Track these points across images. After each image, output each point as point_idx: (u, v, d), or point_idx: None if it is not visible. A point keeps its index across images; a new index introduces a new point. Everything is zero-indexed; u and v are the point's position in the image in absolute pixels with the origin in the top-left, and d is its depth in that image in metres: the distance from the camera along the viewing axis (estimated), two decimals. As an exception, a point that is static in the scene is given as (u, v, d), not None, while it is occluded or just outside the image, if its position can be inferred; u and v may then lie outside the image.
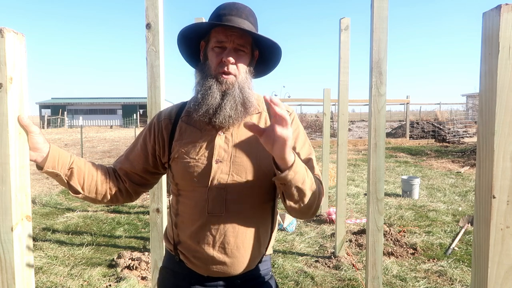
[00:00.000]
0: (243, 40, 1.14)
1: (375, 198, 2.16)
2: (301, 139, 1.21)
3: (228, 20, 1.13)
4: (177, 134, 1.20)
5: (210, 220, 1.12)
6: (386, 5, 2.08)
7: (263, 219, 1.19)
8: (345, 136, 3.91)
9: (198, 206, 1.14)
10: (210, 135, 1.16)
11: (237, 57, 1.14)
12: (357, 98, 15.81)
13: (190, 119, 1.20)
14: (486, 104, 0.73)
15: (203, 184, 1.13)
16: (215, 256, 1.13)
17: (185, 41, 1.24)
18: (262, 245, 1.19)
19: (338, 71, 3.74)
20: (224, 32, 1.13)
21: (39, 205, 6.06)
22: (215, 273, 1.15)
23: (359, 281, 3.37)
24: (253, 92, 1.19)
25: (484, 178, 0.74)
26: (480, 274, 0.76)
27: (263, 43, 1.19)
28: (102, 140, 19.46)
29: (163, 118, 1.25)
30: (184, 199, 1.18)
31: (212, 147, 1.14)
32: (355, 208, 5.87)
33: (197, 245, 1.14)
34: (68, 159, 1.12)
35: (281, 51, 1.21)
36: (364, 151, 13.16)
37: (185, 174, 1.15)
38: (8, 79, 0.82)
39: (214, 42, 1.14)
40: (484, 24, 0.74)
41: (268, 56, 1.25)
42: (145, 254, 3.80)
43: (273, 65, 1.29)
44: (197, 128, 1.18)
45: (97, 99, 47.44)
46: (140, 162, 1.24)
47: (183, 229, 1.18)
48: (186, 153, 1.16)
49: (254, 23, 1.18)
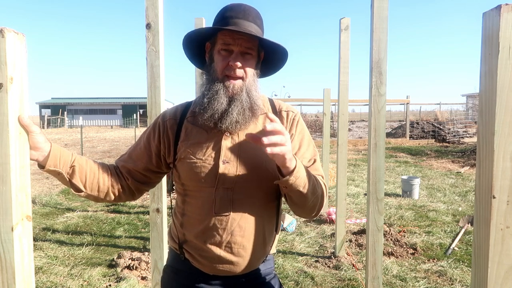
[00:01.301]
0: (250, 43, 1.13)
1: (375, 198, 2.16)
2: (305, 142, 1.21)
3: (235, 23, 1.12)
4: (183, 135, 1.20)
5: (217, 220, 1.13)
6: (386, 5, 2.08)
7: (269, 218, 1.20)
8: (345, 136, 3.91)
9: (205, 206, 1.14)
10: (216, 136, 1.16)
11: (244, 60, 1.13)
12: (357, 98, 15.82)
13: (195, 120, 1.20)
14: (486, 104, 0.73)
15: (210, 184, 1.14)
16: (221, 255, 1.14)
17: (190, 41, 1.24)
18: (267, 244, 1.21)
19: (338, 71, 3.74)
20: (231, 35, 1.12)
21: (39, 205, 6.06)
22: (220, 272, 1.16)
23: (359, 281, 3.37)
24: (259, 94, 1.19)
25: (484, 178, 0.74)
26: (480, 274, 0.76)
27: (269, 44, 1.19)
28: (102, 140, 19.45)
29: (168, 118, 1.24)
30: (191, 199, 1.19)
31: (219, 148, 1.14)
32: (355, 208, 5.87)
33: (204, 244, 1.15)
34: (69, 157, 1.12)
35: (288, 54, 1.22)
36: (364, 151, 13.16)
37: (192, 174, 1.15)
38: (8, 79, 0.82)
39: (220, 45, 1.14)
40: (484, 24, 0.74)
41: (274, 58, 1.25)
42: (145, 254, 3.80)
43: (278, 67, 1.29)
44: (203, 129, 1.18)
45: (97, 99, 47.45)
46: (143, 161, 1.24)
47: (190, 229, 1.19)
48: (193, 154, 1.16)
49: (260, 25, 1.18)
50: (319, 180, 1.13)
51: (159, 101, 2.05)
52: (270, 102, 1.27)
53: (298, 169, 0.98)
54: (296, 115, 1.25)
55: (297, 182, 0.99)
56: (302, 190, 1.02)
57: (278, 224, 1.25)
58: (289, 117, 1.23)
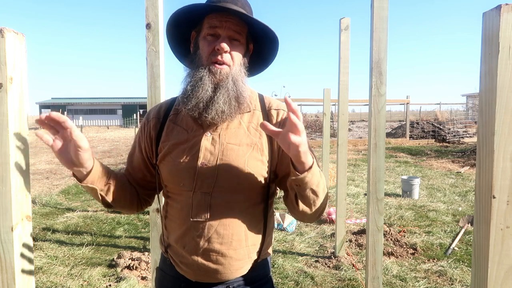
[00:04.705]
0: (239, 27, 1.06)
1: (375, 198, 2.16)
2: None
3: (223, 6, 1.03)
4: (164, 135, 1.14)
5: (193, 226, 1.07)
6: (386, 5, 2.08)
7: (254, 223, 1.11)
8: (345, 136, 3.91)
9: (184, 211, 1.08)
10: (196, 136, 1.09)
11: (232, 46, 1.06)
12: (357, 98, 15.83)
13: (177, 118, 1.15)
14: (486, 104, 0.73)
15: (188, 188, 1.07)
16: (200, 263, 1.07)
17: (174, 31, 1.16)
18: (252, 250, 1.13)
19: (338, 71, 3.74)
20: (219, 17, 1.05)
21: (39, 205, 6.05)
22: (202, 279, 1.11)
23: (359, 281, 3.37)
24: (246, 87, 1.11)
25: (484, 178, 0.74)
26: (480, 274, 0.76)
27: (258, 36, 1.12)
28: (102, 140, 19.45)
29: (152, 117, 1.19)
30: (172, 202, 1.14)
31: (198, 149, 1.07)
32: (355, 208, 5.87)
33: (183, 250, 1.10)
34: (106, 175, 1.10)
35: (278, 43, 1.13)
36: (364, 151, 13.15)
37: (171, 177, 1.10)
38: (8, 79, 0.82)
39: (206, 29, 1.06)
40: (484, 24, 0.74)
41: (264, 51, 1.18)
42: (145, 254, 3.79)
43: (269, 59, 1.21)
44: (183, 128, 1.12)
45: (97, 99, 47.47)
46: (142, 167, 1.21)
47: (171, 232, 1.14)
48: (172, 155, 1.10)
49: (249, 13, 1.10)
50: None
51: (159, 101, 2.05)
52: (260, 99, 1.18)
53: (315, 166, 0.92)
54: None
55: (312, 180, 0.93)
56: (315, 188, 0.95)
57: (267, 228, 1.16)
58: (280, 116, 1.13)
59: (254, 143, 1.08)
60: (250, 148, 1.07)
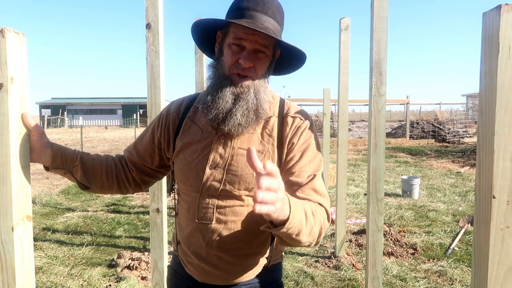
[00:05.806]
0: (266, 41, 1.02)
1: (375, 198, 2.16)
2: (309, 154, 1.06)
3: (251, 16, 1.00)
4: (181, 131, 1.14)
5: (199, 227, 1.06)
6: (386, 5, 2.08)
7: (258, 232, 1.03)
8: (345, 136, 3.91)
9: (191, 210, 1.09)
10: (209, 137, 1.08)
11: (256, 59, 1.03)
12: (357, 98, 15.83)
13: (195, 116, 1.14)
14: (486, 104, 0.73)
15: (196, 189, 1.07)
16: (202, 266, 1.08)
17: (199, 28, 1.13)
18: (258, 256, 1.11)
19: (338, 71, 3.74)
20: (245, 30, 1.00)
21: (39, 205, 6.05)
22: (208, 281, 1.10)
23: (359, 281, 3.37)
24: (268, 94, 1.09)
25: (484, 178, 0.74)
26: (480, 274, 0.76)
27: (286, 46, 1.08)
28: (102, 140, 19.45)
29: (172, 111, 1.18)
30: (182, 200, 1.15)
31: (208, 151, 1.06)
32: (355, 208, 5.87)
33: (189, 250, 1.10)
34: (72, 156, 1.11)
35: (306, 58, 1.11)
36: (364, 151, 13.15)
37: (181, 175, 1.11)
38: (9, 79, 0.82)
39: (232, 39, 1.02)
40: (484, 24, 0.74)
41: (290, 58, 1.15)
42: (145, 254, 3.80)
43: (293, 68, 1.19)
44: (199, 127, 1.12)
45: (97, 99, 47.47)
46: (147, 153, 1.21)
47: (180, 230, 1.15)
48: (185, 153, 1.10)
49: (280, 22, 1.07)
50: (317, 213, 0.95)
51: (159, 101, 2.05)
52: (280, 104, 1.14)
53: (292, 219, 0.81)
54: (303, 123, 1.09)
55: (290, 231, 0.83)
56: (295, 237, 0.87)
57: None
58: (295, 124, 1.08)
59: (266, 150, 1.07)
60: (261, 155, 1.06)
